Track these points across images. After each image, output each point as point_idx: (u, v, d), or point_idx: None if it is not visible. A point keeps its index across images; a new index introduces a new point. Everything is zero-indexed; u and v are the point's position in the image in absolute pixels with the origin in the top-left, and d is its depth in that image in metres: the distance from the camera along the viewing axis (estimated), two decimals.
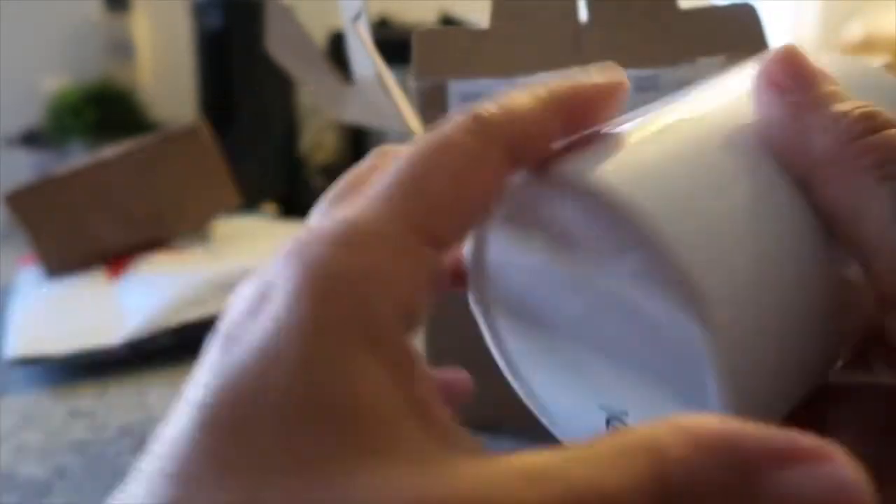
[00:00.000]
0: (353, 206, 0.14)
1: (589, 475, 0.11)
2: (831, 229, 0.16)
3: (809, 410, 0.18)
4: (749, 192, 0.16)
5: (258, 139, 1.07)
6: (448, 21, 1.16)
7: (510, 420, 0.27)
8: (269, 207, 1.04)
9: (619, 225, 0.15)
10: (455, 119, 0.15)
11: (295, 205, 1.14)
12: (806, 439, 0.12)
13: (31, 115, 1.08)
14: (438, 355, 0.34)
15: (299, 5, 0.42)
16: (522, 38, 0.31)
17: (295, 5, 0.41)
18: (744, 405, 0.14)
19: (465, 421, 0.14)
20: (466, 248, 0.18)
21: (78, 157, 0.95)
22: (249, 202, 0.82)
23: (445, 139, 0.15)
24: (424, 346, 0.35)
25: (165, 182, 0.72)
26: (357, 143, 1.19)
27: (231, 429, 0.12)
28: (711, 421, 0.12)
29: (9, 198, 0.65)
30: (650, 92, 0.31)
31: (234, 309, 0.14)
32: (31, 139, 1.05)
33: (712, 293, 0.14)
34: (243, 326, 0.13)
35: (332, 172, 1.28)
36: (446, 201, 0.14)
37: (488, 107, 0.15)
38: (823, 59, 0.18)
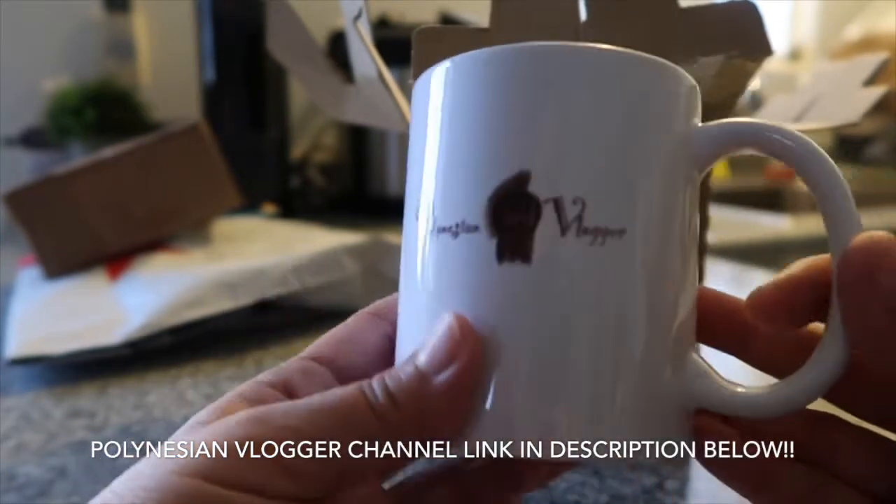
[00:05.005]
0: None
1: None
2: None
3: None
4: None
5: (258, 140, 1.07)
6: (448, 21, 1.16)
7: None
8: (269, 207, 1.04)
9: None
10: None
11: (294, 205, 1.14)
12: None
13: (31, 115, 1.08)
14: None
15: (299, 5, 0.41)
16: (522, 38, 0.31)
17: (295, 5, 0.41)
18: None
19: None
20: None
21: (78, 157, 0.95)
22: (250, 202, 0.82)
23: None
24: None
25: (165, 182, 0.72)
26: (357, 143, 1.19)
27: None
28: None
29: (9, 198, 0.65)
30: None
31: None
32: (31, 139, 1.05)
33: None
34: None
35: (332, 172, 1.28)
36: None
37: None
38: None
